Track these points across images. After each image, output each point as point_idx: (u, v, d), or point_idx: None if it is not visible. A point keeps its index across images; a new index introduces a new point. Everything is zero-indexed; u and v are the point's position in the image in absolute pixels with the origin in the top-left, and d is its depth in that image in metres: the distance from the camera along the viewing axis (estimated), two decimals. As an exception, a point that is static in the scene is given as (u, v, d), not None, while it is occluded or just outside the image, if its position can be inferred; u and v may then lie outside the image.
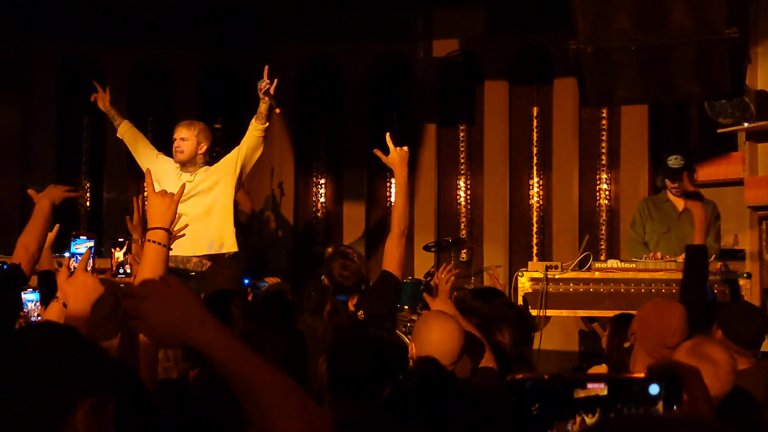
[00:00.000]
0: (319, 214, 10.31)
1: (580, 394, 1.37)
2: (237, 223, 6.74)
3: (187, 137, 6.64)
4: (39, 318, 3.96)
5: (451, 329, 3.54)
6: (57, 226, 6.47)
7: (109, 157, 9.92)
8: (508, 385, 1.38)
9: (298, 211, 10.23)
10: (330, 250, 5.54)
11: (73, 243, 3.57)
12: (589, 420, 1.36)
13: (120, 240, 4.97)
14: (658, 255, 6.62)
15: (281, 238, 9.57)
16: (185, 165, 6.65)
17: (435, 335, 3.50)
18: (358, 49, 10.08)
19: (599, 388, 1.37)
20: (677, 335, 3.76)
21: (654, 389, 1.39)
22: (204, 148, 6.70)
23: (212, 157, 6.98)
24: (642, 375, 1.42)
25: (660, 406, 1.39)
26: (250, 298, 5.17)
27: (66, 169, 9.80)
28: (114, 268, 4.64)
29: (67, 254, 7.30)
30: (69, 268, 3.51)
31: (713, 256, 6.63)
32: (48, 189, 4.51)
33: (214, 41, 10.06)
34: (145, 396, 2.39)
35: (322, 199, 10.33)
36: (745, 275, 6.39)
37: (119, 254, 4.86)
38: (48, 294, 3.98)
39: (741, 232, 7.63)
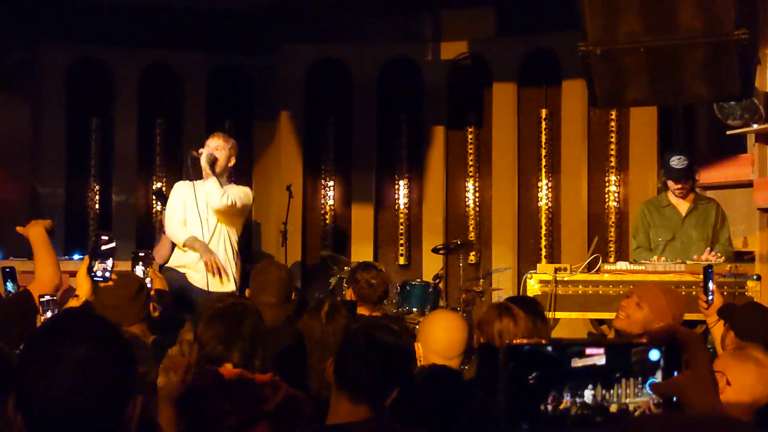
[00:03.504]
0: (327, 217, 10.31)
1: (578, 363, 1.34)
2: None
3: (222, 148, 6.59)
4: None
5: (455, 321, 3.66)
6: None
7: (117, 159, 9.95)
8: (506, 349, 1.34)
9: (306, 213, 10.23)
10: (355, 263, 5.56)
11: (98, 243, 3.58)
12: (588, 393, 1.33)
13: (141, 254, 4.98)
14: (660, 259, 6.59)
15: (289, 240, 9.56)
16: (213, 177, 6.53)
17: (440, 328, 3.58)
18: (366, 52, 10.08)
19: (597, 356, 1.34)
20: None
21: (654, 355, 1.36)
22: (233, 162, 6.67)
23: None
24: (643, 340, 1.38)
25: (659, 375, 1.35)
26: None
27: (75, 171, 9.83)
28: None
29: (75, 256, 7.35)
30: (90, 268, 3.54)
31: (723, 258, 6.60)
32: (33, 222, 4.40)
33: (223, 43, 10.08)
34: None
35: (331, 202, 10.33)
36: (754, 277, 6.36)
37: (138, 269, 4.88)
38: None
39: (750, 234, 7.60)
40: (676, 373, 1.35)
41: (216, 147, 6.57)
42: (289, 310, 4.73)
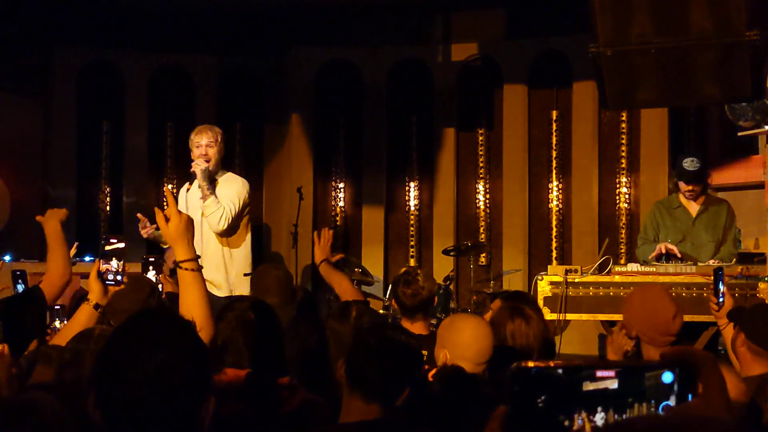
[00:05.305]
0: (338, 219, 10.32)
1: (589, 386, 1.30)
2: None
3: (214, 143, 6.17)
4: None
5: (482, 327, 3.58)
6: (75, 244, 6.59)
7: (128, 161, 9.98)
8: (512, 372, 1.30)
9: (317, 215, 10.24)
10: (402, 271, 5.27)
11: (105, 245, 3.58)
12: (600, 417, 1.30)
13: (151, 259, 4.97)
14: (672, 247, 6.52)
15: (300, 243, 9.58)
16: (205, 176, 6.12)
17: (466, 335, 3.52)
18: (376, 54, 10.09)
19: (609, 380, 1.31)
20: (676, 318, 3.96)
21: (668, 377, 1.32)
22: (223, 152, 6.26)
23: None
24: (655, 362, 1.34)
25: (673, 399, 1.32)
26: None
27: (86, 174, 9.86)
28: None
29: (86, 258, 7.36)
30: (100, 271, 3.52)
31: (733, 260, 6.58)
32: (50, 212, 4.45)
33: (233, 46, 10.10)
34: None
35: (341, 204, 10.34)
36: (765, 279, 6.34)
37: (150, 274, 4.87)
38: None
39: (762, 235, 7.58)
40: (690, 397, 1.33)
41: (208, 144, 6.07)
42: (293, 311, 4.70)
